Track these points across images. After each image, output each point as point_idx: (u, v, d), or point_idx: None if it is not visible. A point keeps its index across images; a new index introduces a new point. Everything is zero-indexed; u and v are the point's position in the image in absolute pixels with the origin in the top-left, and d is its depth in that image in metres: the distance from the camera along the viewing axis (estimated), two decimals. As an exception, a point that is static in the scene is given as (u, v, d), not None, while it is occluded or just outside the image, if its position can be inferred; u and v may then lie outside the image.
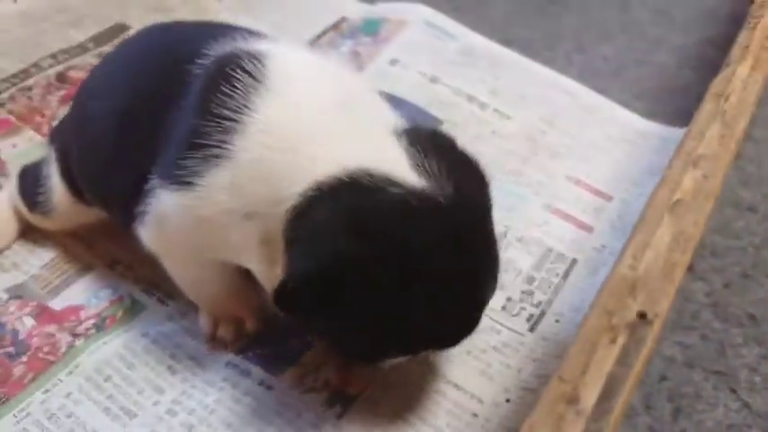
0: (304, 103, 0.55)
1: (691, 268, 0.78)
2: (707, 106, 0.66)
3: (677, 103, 1.03)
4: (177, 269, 0.65)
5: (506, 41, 1.14)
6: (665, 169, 0.57)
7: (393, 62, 1.04)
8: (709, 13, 1.22)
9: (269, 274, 0.56)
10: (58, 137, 0.76)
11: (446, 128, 0.92)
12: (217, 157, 0.54)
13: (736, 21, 1.19)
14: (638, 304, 0.41)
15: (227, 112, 0.54)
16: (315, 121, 0.54)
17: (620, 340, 0.38)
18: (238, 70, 0.56)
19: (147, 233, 0.63)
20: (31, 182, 0.75)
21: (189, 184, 0.56)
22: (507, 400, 0.64)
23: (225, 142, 0.54)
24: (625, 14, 1.23)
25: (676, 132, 0.93)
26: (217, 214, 0.55)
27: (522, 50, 1.11)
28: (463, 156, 0.60)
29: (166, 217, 0.59)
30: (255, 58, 0.57)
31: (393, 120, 0.59)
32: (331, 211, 0.51)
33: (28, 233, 0.79)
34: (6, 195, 0.79)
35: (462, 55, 1.05)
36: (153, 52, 0.67)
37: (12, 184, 0.79)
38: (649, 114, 1.00)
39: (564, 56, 1.12)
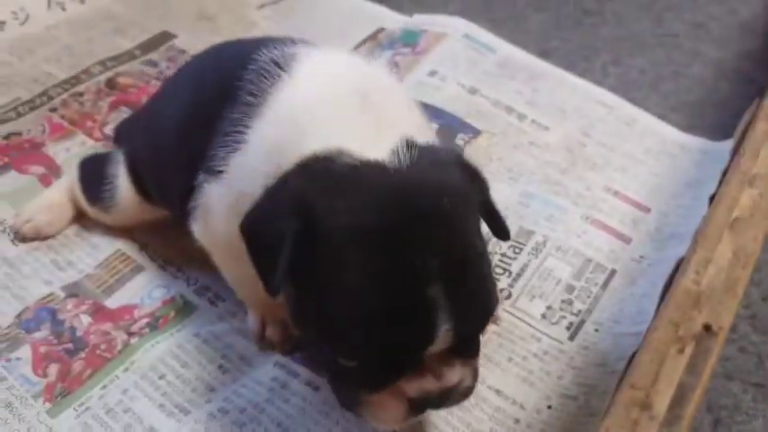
0: (318, 91, 0.57)
1: (729, 281, 0.78)
2: (760, 125, 0.67)
3: (715, 116, 1.04)
4: (224, 264, 0.68)
5: (543, 53, 1.16)
6: (722, 187, 0.58)
7: (432, 73, 1.06)
8: (745, 27, 1.23)
9: None
10: (127, 139, 0.80)
11: (485, 138, 0.95)
12: (237, 142, 0.58)
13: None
14: (703, 317, 0.42)
15: (251, 99, 0.58)
16: (321, 106, 0.56)
17: (688, 350, 0.40)
18: (271, 67, 0.59)
19: (197, 227, 0.66)
20: (94, 178, 0.79)
21: (219, 172, 0.59)
22: (549, 407, 0.66)
23: (245, 127, 0.58)
24: (660, 27, 1.24)
25: (716, 146, 0.94)
26: (240, 199, 0.56)
27: (559, 62, 1.13)
28: (460, 161, 0.57)
29: (209, 208, 0.63)
30: (290, 57, 0.60)
31: (411, 121, 0.59)
32: (289, 173, 0.52)
33: (83, 233, 0.83)
34: (64, 184, 0.84)
35: (500, 67, 1.07)
36: (213, 66, 0.71)
37: (72, 175, 0.83)
38: (687, 127, 1.00)
39: (600, 68, 1.13)
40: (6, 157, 0.93)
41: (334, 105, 0.56)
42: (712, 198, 0.81)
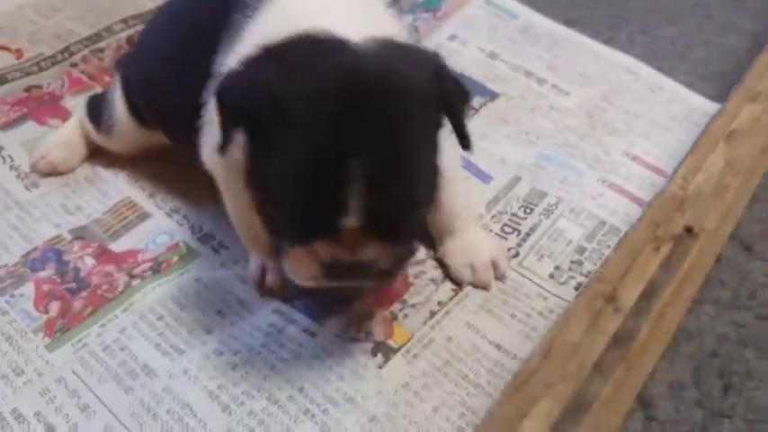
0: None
1: (749, 248, 0.75)
2: None
3: (745, 86, 1.00)
4: (229, 194, 0.67)
5: (567, 22, 1.12)
6: (724, 103, 0.55)
7: (452, 37, 1.04)
8: (784, -1, 1.18)
9: None
10: (123, 66, 0.83)
11: (500, 101, 0.93)
12: (238, 42, 0.60)
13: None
14: (686, 219, 0.40)
15: (248, 11, 0.61)
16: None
17: (665, 250, 0.38)
18: None
19: (205, 148, 0.66)
20: (98, 104, 0.83)
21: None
22: (550, 364, 0.64)
23: (245, 24, 0.60)
24: (695, -1, 1.19)
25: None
26: None
27: (583, 30, 1.09)
28: (434, 62, 0.57)
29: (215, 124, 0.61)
30: None
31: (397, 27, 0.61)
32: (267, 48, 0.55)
33: (93, 180, 0.83)
34: (75, 121, 0.87)
35: (522, 33, 1.05)
36: None
37: (81, 110, 0.86)
38: (716, 96, 0.96)
39: (627, 37, 1.10)
40: (26, 107, 0.94)
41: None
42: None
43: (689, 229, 0.38)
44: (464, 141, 0.56)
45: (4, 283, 0.71)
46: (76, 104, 0.91)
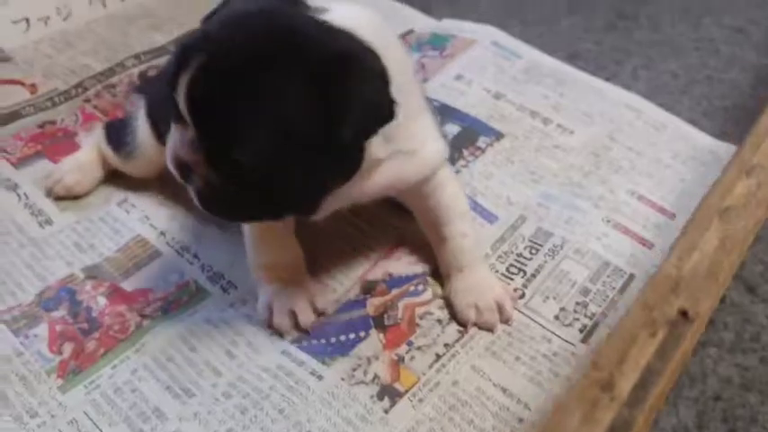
0: None
1: (752, 290, 0.76)
2: (765, 118, 0.64)
3: (750, 122, 1.01)
4: (249, 230, 0.72)
5: (573, 56, 1.14)
6: (719, 177, 0.56)
7: (458, 77, 1.06)
8: (788, 33, 1.19)
9: None
10: (148, 87, 0.89)
11: (506, 141, 0.94)
12: None
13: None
14: (681, 302, 0.41)
15: None
16: None
17: (660, 335, 0.38)
18: None
19: None
20: (118, 129, 0.87)
21: None
22: (555, 409, 0.64)
23: None
24: (698, 31, 1.21)
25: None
26: None
27: (588, 65, 1.11)
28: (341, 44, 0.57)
29: None
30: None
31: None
32: None
33: (106, 218, 0.85)
34: (91, 143, 0.89)
35: (526, 72, 1.06)
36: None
37: (97, 134, 0.89)
38: (719, 133, 0.97)
39: (631, 71, 1.11)
40: (40, 144, 0.96)
41: None
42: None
43: (683, 313, 0.39)
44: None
45: (18, 323, 0.72)
46: (93, 130, 0.93)
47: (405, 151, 0.65)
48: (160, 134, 0.80)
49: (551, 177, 0.89)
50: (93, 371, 0.68)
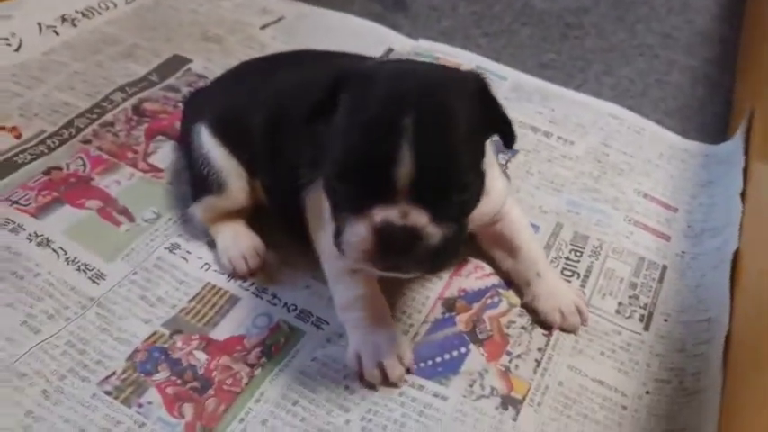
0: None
1: None
2: None
3: (698, 120, 1.17)
4: (331, 272, 0.75)
5: (542, 66, 1.25)
6: None
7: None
8: (705, 36, 1.38)
9: None
10: (197, 113, 0.88)
11: (520, 156, 1.02)
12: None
13: (727, 43, 1.36)
14: None
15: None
16: None
17: None
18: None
19: (311, 223, 0.76)
20: (194, 179, 0.87)
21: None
22: (647, 392, 0.74)
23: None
24: (635, 38, 1.37)
25: (715, 149, 1.07)
26: None
27: (558, 74, 1.23)
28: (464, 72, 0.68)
29: (316, 212, 0.73)
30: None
31: None
32: None
33: (163, 266, 0.82)
34: (219, 231, 0.86)
35: (515, 92, 1.15)
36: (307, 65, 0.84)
37: (198, 213, 0.86)
38: (681, 131, 1.13)
39: (595, 78, 1.24)
40: (55, 192, 0.90)
41: None
42: (743, 195, 0.93)
43: None
44: (508, 138, 0.67)
45: (124, 393, 0.69)
46: (121, 195, 0.90)
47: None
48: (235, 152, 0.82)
49: (570, 185, 0.99)
50: (221, 428, 0.68)
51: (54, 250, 0.83)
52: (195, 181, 0.84)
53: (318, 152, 0.66)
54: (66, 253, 0.82)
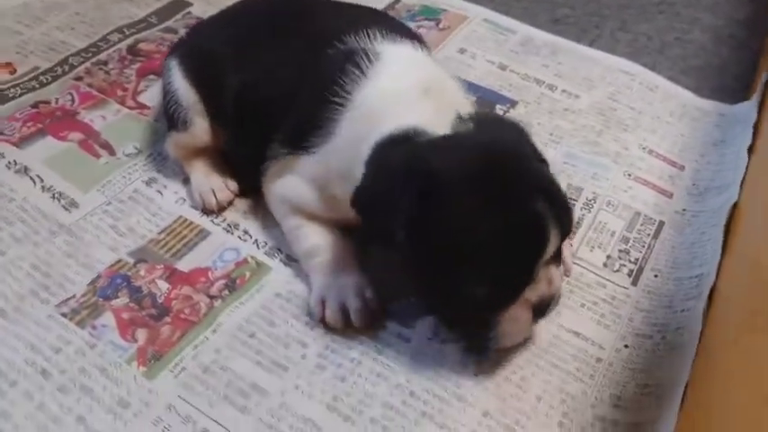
0: (389, 89, 0.67)
1: None
2: None
3: (718, 79, 1.10)
4: (287, 226, 0.75)
5: (555, 21, 1.20)
6: None
7: (461, 51, 1.08)
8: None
9: None
10: (179, 51, 0.84)
11: (520, 107, 0.98)
12: (330, 133, 0.68)
13: (758, 3, 1.27)
14: None
15: (337, 99, 0.68)
16: (391, 101, 0.66)
17: None
18: (352, 67, 0.68)
19: (270, 189, 0.75)
20: (165, 110, 0.84)
21: (310, 150, 0.69)
22: (626, 346, 0.70)
23: (335, 121, 0.68)
24: (657, -5, 1.30)
25: (731, 109, 1.01)
26: (326, 172, 0.69)
27: (571, 29, 1.17)
28: (503, 121, 0.70)
29: (287, 172, 0.73)
30: (370, 56, 0.69)
31: (461, 102, 0.70)
32: (378, 151, 0.64)
33: (139, 198, 0.81)
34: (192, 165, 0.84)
35: (522, 45, 1.11)
36: (297, 26, 0.76)
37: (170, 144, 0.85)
38: (696, 89, 1.06)
39: (610, 34, 1.18)
40: (39, 123, 0.90)
41: (401, 101, 0.66)
42: (750, 149, 0.87)
43: None
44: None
45: (79, 315, 0.69)
46: (104, 128, 0.89)
47: None
48: (206, 99, 0.79)
49: (569, 138, 0.94)
50: (173, 354, 0.66)
51: (31, 178, 0.83)
52: (165, 116, 0.83)
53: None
54: (42, 181, 0.82)
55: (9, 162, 0.84)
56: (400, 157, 0.61)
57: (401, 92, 0.67)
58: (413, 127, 0.63)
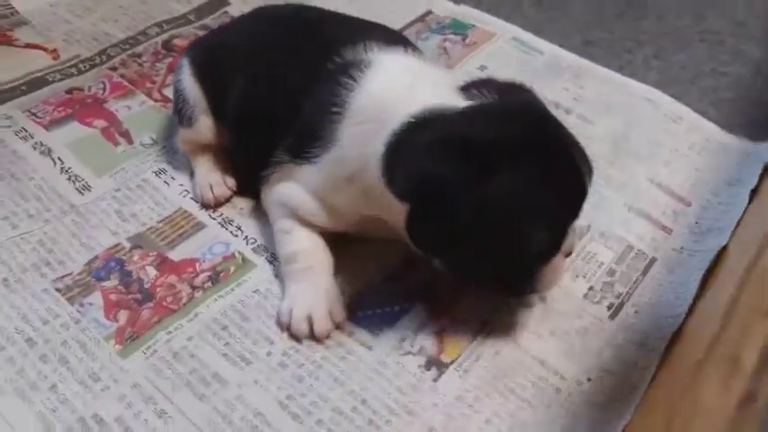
0: (383, 86, 0.70)
1: None
2: None
3: (752, 115, 1.06)
4: (279, 228, 0.76)
5: (588, 43, 1.18)
6: None
7: (482, 68, 1.09)
8: (787, 29, 1.25)
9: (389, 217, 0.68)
10: (193, 51, 0.88)
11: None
12: (330, 141, 0.70)
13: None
14: None
15: (335, 109, 0.70)
16: (390, 95, 0.68)
17: None
18: (346, 78, 0.70)
19: (268, 193, 0.77)
20: (174, 105, 0.88)
21: (311, 161, 0.71)
22: (588, 380, 0.70)
23: (334, 130, 0.69)
24: (701, 23, 1.26)
25: (756, 147, 0.97)
26: (328, 181, 0.71)
27: (603, 53, 1.15)
28: (514, 85, 0.72)
29: (288, 179, 0.74)
30: (365, 66, 0.71)
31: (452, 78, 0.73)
32: (405, 142, 0.65)
33: (146, 187, 0.87)
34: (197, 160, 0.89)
35: (547, 67, 1.10)
36: (302, 39, 0.79)
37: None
38: (726, 124, 1.03)
39: (643, 60, 1.16)
40: (70, 109, 0.96)
41: (398, 97, 0.68)
42: (752, 193, 0.85)
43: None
44: None
45: (72, 291, 0.74)
46: (127, 119, 0.95)
47: None
48: (211, 99, 0.83)
49: (575, 163, 0.93)
50: (148, 337, 0.71)
51: (53, 159, 0.89)
52: (174, 111, 0.87)
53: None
54: (62, 163, 0.89)
55: (36, 143, 0.91)
56: (438, 138, 0.62)
57: (395, 84, 0.69)
58: (427, 109, 0.65)
